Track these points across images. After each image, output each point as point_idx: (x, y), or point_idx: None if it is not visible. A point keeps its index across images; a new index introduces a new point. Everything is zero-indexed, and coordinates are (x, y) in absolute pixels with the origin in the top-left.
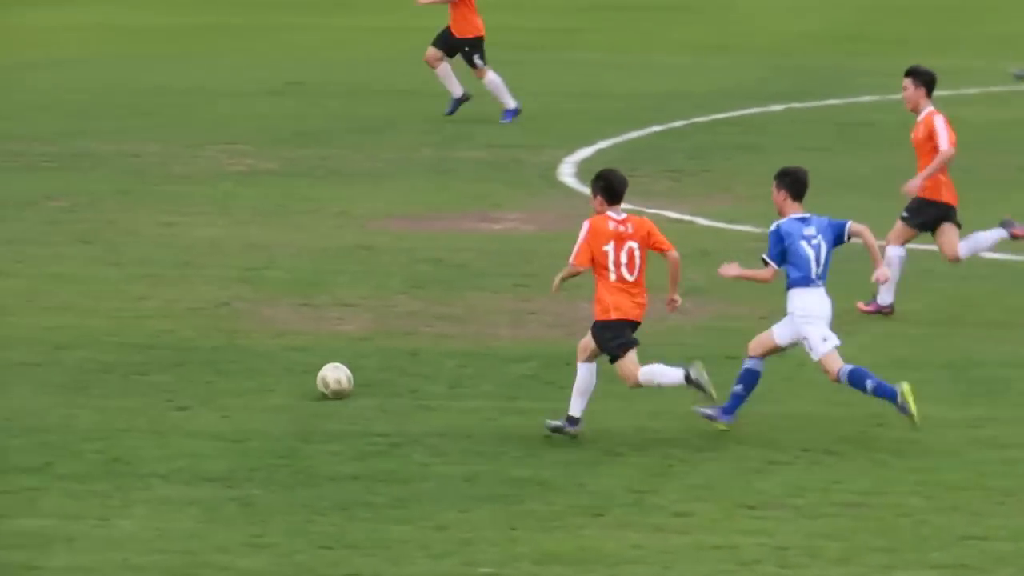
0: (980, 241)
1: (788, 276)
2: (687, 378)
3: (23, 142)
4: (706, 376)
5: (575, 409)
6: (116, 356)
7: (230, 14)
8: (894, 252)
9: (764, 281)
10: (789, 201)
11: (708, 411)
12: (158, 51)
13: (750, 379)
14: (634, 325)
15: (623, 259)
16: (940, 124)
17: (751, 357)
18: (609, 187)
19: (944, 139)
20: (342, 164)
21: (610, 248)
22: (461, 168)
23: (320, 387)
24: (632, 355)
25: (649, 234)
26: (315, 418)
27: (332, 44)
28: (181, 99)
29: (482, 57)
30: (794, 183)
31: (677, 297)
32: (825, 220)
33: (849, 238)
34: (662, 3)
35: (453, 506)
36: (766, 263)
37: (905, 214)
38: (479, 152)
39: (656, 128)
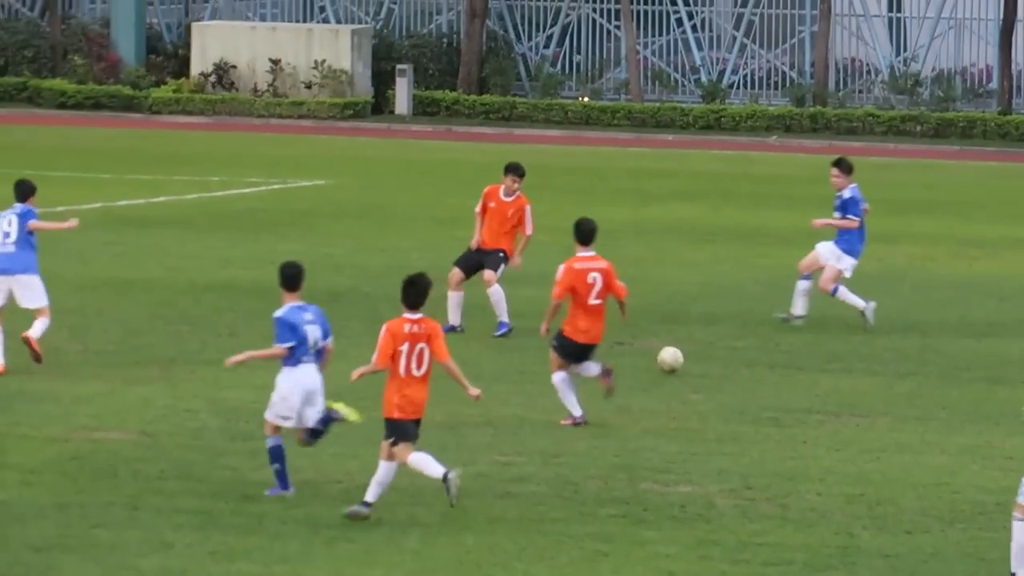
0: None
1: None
2: (444, 477)
3: None
4: (458, 485)
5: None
6: None
7: None
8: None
9: (278, 356)
10: (286, 293)
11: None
12: None
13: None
14: (417, 422)
15: (413, 359)
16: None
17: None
18: (407, 295)
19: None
20: None
21: (404, 348)
22: None
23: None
24: (404, 445)
25: (431, 338)
26: None
27: None
28: None
29: None
30: (289, 278)
31: (473, 390)
32: (319, 309)
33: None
34: None
35: None
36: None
37: None
38: None
39: None
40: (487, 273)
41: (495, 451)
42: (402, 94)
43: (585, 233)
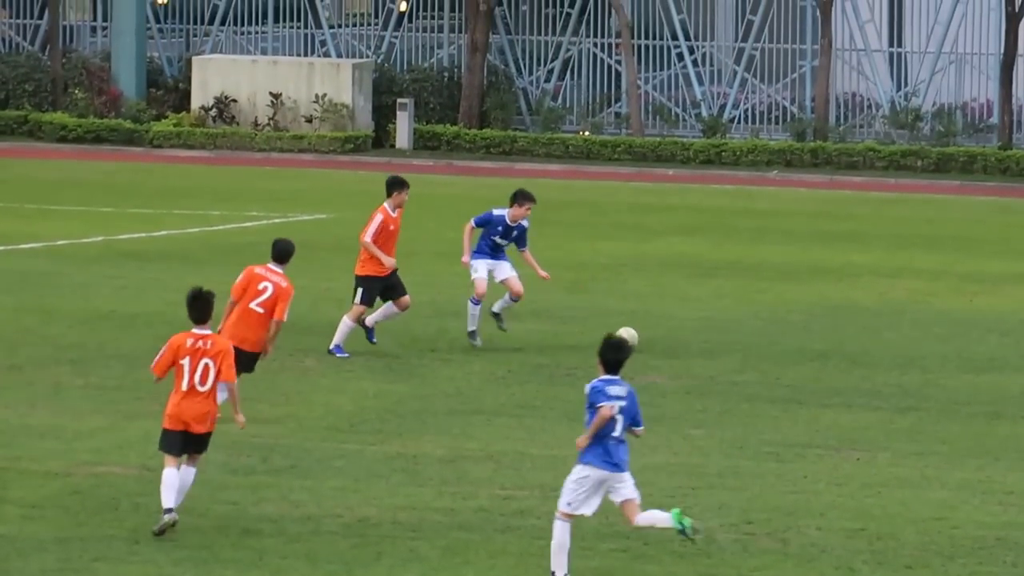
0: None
1: None
2: (167, 510)
3: None
4: (166, 524)
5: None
6: None
7: None
8: None
9: None
10: None
11: None
12: None
13: None
14: (187, 435)
15: (198, 374)
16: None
17: None
18: (191, 309)
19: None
20: None
21: (186, 362)
22: None
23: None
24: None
25: (223, 355)
26: None
27: None
28: None
29: None
30: None
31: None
32: None
33: None
34: None
35: None
36: None
37: None
38: None
39: None
40: (408, 298)
41: (496, 485)
42: (403, 128)
43: (278, 252)
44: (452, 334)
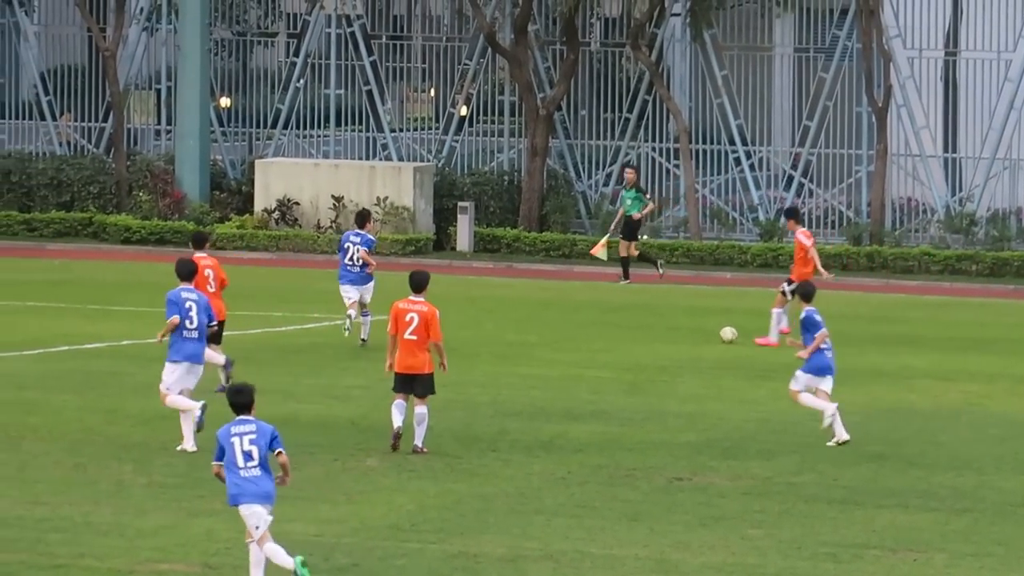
0: None
1: None
2: None
3: None
4: None
5: None
6: None
7: None
8: None
9: None
10: None
11: None
12: None
13: None
14: None
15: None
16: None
17: None
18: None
19: None
20: None
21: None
22: None
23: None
24: None
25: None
26: None
27: None
28: None
29: None
30: None
31: None
32: None
33: None
34: None
35: None
36: None
37: None
38: None
39: None
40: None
41: None
42: (464, 231)
43: (415, 283)
44: (512, 435)
